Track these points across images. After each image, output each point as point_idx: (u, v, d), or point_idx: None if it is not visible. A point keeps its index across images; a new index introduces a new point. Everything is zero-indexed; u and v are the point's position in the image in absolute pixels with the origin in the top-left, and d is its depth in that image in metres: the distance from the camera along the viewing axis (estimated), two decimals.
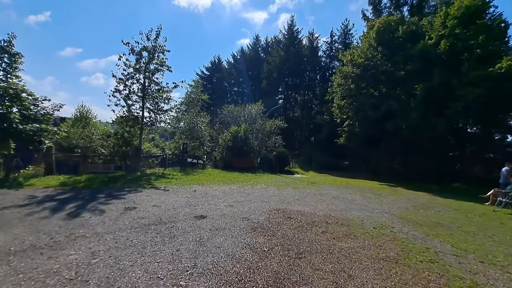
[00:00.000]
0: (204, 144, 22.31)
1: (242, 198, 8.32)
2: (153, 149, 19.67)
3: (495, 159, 21.50)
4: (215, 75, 60.23)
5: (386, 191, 12.87)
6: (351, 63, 21.45)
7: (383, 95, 20.21)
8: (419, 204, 9.62)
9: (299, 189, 11.35)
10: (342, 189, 12.30)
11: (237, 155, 20.40)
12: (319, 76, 47.01)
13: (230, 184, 11.60)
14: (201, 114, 22.54)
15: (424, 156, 24.91)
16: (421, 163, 23.86)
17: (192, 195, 8.47)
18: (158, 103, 15.34)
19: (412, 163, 23.69)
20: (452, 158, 21.30)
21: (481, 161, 22.29)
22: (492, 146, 20.81)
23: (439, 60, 16.59)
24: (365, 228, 5.79)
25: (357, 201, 9.27)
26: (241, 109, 25.63)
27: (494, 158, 21.61)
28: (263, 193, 9.66)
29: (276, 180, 14.41)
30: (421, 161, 23.85)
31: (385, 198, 10.36)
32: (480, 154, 21.90)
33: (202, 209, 6.59)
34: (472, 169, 22.90)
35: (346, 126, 22.67)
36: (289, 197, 9.11)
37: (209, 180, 12.37)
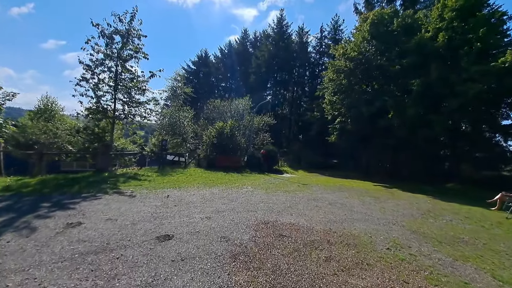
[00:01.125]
0: (187, 141, 20.69)
1: (224, 207, 6.92)
2: (129, 146, 17.88)
3: (483, 158, 21.14)
4: (202, 70, 58.09)
5: (383, 194, 11.83)
6: (344, 57, 20.37)
7: (377, 91, 19.27)
8: (424, 210, 8.56)
9: (290, 192, 10.06)
10: (337, 192, 11.13)
11: (222, 153, 18.91)
12: (309, 73, 45.92)
13: (212, 186, 10.15)
14: (184, 109, 20.89)
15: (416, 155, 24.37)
16: (412, 162, 23.27)
17: (163, 202, 6.98)
18: (131, 94, 13.59)
19: (404, 162, 23.04)
20: (443, 157, 20.70)
21: (471, 160, 21.88)
22: (482, 145, 20.34)
23: (436, 54, 15.73)
24: (378, 250, 4.54)
25: (357, 207, 8.08)
26: (228, 104, 24.08)
27: (483, 157, 21.25)
28: (249, 198, 8.30)
29: (264, 181, 13.08)
30: (412, 160, 23.26)
31: (385, 203, 9.25)
32: (470, 153, 21.47)
33: (170, 225, 5.14)
34: (462, 168, 22.53)
35: (337, 123, 21.63)
36: (279, 203, 7.78)
37: (188, 182, 10.87)
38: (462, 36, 15.41)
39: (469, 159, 21.02)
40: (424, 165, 22.33)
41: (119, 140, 17.30)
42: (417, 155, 23.37)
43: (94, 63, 13.30)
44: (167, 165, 17.85)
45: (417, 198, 11.34)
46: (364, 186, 14.09)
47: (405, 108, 16.05)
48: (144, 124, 15.16)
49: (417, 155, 24.51)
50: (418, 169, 22.58)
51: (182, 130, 19.95)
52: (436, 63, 15.39)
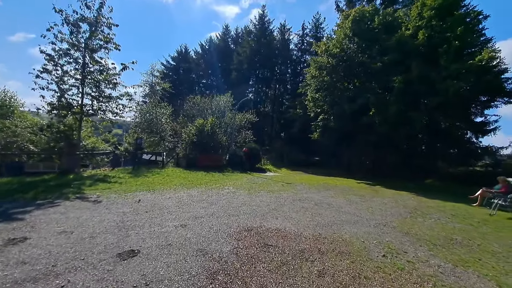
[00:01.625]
0: (165, 139, 19.60)
1: (203, 211, 6.24)
2: (101, 144, 16.55)
3: (457, 154, 21.90)
4: (182, 66, 56.32)
5: (368, 191, 11.64)
6: (326, 53, 20.17)
7: (359, 88, 19.25)
8: (411, 208, 8.36)
9: (274, 192, 9.54)
10: (322, 191, 10.77)
11: (202, 151, 18.08)
12: (291, 70, 45.74)
13: (191, 188, 9.40)
14: (161, 105, 19.75)
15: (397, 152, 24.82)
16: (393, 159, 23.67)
17: (133, 208, 6.18)
18: (101, 88, 12.44)
19: (385, 159, 23.38)
20: (421, 154, 21.16)
21: (446, 157, 22.58)
22: (456, 142, 20.99)
23: (417, 52, 15.88)
24: (373, 259, 4.10)
25: (344, 208, 7.70)
26: (209, 101, 23.16)
27: (457, 154, 22.02)
28: (231, 200, 7.66)
29: (247, 181, 12.49)
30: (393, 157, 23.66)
31: (371, 202, 8.98)
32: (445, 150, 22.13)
33: (138, 237, 4.40)
34: (439, 165, 23.24)
35: (320, 121, 21.45)
36: (263, 206, 7.22)
37: (164, 183, 10.03)
38: (441, 35, 15.64)
39: (445, 156, 21.68)
40: (404, 162, 22.78)
41: (89, 138, 15.93)
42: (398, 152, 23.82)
43: (57, 53, 12.04)
44: (143, 165, 16.77)
45: (401, 195, 11.25)
46: (348, 184, 13.90)
47: (387, 105, 16.09)
48: (116, 121, 13.98)
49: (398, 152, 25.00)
50: (398, 166, 22.99)
51: (159, 127, 18.83)
52: (416, 60, 15.53)
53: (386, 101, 16.32)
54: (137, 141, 14.25)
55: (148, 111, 18.29)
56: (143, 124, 18.17)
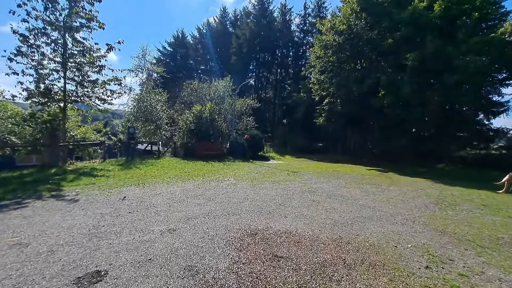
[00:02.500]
0: (161, 127, 18.54)
1: (197, 210, 5.27)
2: (92, 134, 15.52)
3: (467, 137, 20.73)
4: (179, 51, 54.36)
5: (381, 179, 10.65)
6: (332, 31, 18.67)
7: (367, 68, 17.92)
8: (435, 198, 7.38)
9: (279, 183, 8.57)
10: (332, 180, 9.79)
11: (201, 139, 17.05)
12: (292, 53, 43.86)
13: (186, 180, 8.44)
14: (156, 91, 18.56)
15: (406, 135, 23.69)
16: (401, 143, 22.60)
17: (114, 209, 5.22)
18: (83, 71, 11.29)
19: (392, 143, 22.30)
20: (430, 138, 20.03)
21: (458, 140, 21.42)
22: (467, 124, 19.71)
23: (432, 26, 14.43)
24: (415, 272, 3.13)
25: (361, 200, 6.72)
26: (207, 87, 21.86)
27: (467, 136, 20.84)
28: (232, 195, 6.69)
29: (249, 170, 11.52)
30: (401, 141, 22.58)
31: (389, 192, 7.99)
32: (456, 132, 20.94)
33: (110, 249, 3.44)
34: (449, 148, 22.16)
35: (326, 105, 20.22)
36: (268, 200, 6.25)
37: (158, 175, 9.06)
38: (459, 6, 14.14)
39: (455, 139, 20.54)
40: (413, 146, 21.70)
41: (78, 128, 14.91)
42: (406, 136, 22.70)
43: (31, 33, 10.80)
44: (138, 155, 15.84)
45: (419, 183, 10.26)
46: (358, 171, 12.92)
47: (399, 85, 14.83)
48: (106, 109, 12.91)
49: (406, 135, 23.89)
50: (406, 151, 21.96)
51: (155, 115, 17.72)
52: (432, 35, 14.11)
53: (398, 80, 15.03)
54: (129, 130, 13.21)
55: (141, 97, 17.11)
56: (137, 112, 17.07)
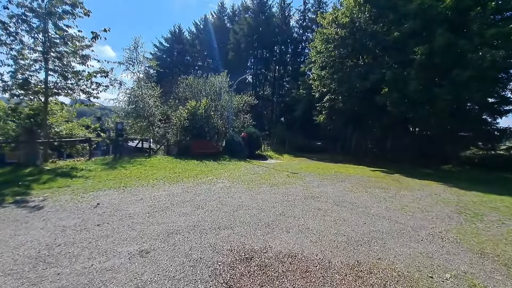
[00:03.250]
0: (154, 124, 17.59)
1: (182, 221, 4.39)
2: (80, 130, 14.54)
3: (471, 137, 19.99)
4: (176, 47, 53.19)
5: (388, 182, 9.82)
6: (334, 24, 17.75)
7: (370, 64, 17.06)
8: (454, 206, 6.55)
9: (279, 186, 7.70)
10: (336, 182, 8.94)
11: (196, 137, 16.14)
12: (291, 50, 42.91)
13: (175, 183, 7.54)
14: (148, 86, 17.59)
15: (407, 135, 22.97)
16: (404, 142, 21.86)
17: (81, 220, 4.32)
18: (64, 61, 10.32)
19: (395, 143, 21.55)
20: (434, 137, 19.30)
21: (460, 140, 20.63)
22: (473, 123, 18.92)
23: (442, 18, 13.56)
24: None
25: (373, 208, 5.88)
26: (202, 82, 20.85)
27: (471, 137, 20.10)
28: (225, 200, 5.82)
29: (246, 171, 10.64)
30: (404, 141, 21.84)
31: (402, 198, 7.16)
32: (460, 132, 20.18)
33: (53, 285, 2.54)
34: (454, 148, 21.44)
35: (326, 102, 19.35)
36: (267, 208, 5.38)
37: (144, 177, 8.16)
38: None
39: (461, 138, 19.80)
40: (417, 145, 20.96)
41: (64, 124, 13.93)
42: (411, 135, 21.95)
43: (12, 20, 9.85)
44: (128, 153, 14.94)
45: (430, 186, 9.45)
46: (362, 173, 12.09)
47: (405, 81, 13.99)
48: (92, 103, 11.95)
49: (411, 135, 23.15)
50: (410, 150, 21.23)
51: (147, 111, 16.76)
52: (442, 27, 13.26)
53: (404, 76, 14.19)
54: (117, 126, 12.26)
55: (133, 92, 16.13)
56: (128, 107, 16.12)
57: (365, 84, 15.78)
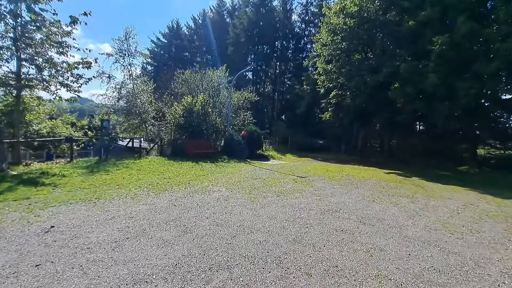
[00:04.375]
0: (146, 122, 16.30)
1: (158, 258, 3.13)
2: (64, 129, 13.27)
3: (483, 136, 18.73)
4: (174, 43, 51.75)
5: (411, 188, 8.58)
6: (342, 14, 16.39)
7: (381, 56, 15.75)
8: (508, 223, 5.31)
9: (287, 195, 6.45)
10: (352, 189, 7.69)
11: (192, 136, 14.88)
12: (293, 45, 41.45)
13: (163, 191, 6.28)
14: (141, 80, 16.28)
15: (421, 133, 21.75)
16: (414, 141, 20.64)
17: (17, 253, 3.06)
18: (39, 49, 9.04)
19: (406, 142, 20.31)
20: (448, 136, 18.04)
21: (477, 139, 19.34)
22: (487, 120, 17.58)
23: (464, 5, 12.25)
24: None
25: (409, 228, 4.64)
26: (200, 77, 19.43)
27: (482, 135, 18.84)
28: (220, 219, 4.56)
29: (247, 174, 9.38)
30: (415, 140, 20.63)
31: (436, 211, 5.92)
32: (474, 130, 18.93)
33: None
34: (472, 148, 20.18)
35: (333, 98, 18.03)
36: (275, 232, 4.12)
37: (126, 183, 6.89)
38: None
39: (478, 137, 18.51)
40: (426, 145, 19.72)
41: (48, 121, 12.66)
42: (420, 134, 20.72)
43: None
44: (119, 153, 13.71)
45: (458, 193, 8.20)
46: (376, 176, 10.84)
47: (422, 74, 12.70)
48: (74, 98, 10.65)
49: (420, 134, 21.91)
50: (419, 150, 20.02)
51: (140, 108, 15.46)
52: (464, 15, 11.95)
53: (420, 69, 12.90)
54: (103, 124, 10.99)
55: (123, 86, 14.81)
56: (117, 103, 14.82)
57: (376, 78, 14.48)
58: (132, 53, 15.22)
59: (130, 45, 15.18)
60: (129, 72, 15.47)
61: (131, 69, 15.32)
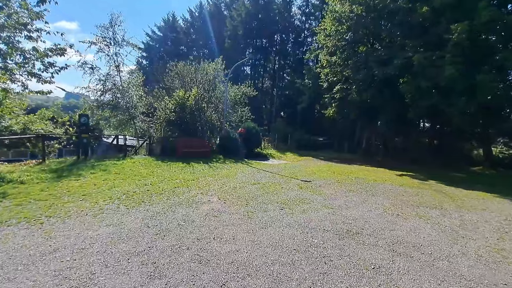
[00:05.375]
0: (135, 117, 14.99)
1: None
2: (42, 125, 11.92)
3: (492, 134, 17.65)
4: (169, 36, 50.04)
5: (434, 195, 7.43)
6: (348, 1, 15.03)
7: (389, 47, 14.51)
8: None
9: (292, 208, 5.25)
10: (367, 197, 6.52)
11: (184, 133, 13.64)
12: (292, 39, 39.98)
13: (138, 204, 5.05)
14: (129, 71, 14.93)
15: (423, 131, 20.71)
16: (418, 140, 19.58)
17: None
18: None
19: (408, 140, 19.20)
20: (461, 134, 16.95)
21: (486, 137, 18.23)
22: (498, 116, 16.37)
23: None
24: None
25: (462, 262, 3.47)
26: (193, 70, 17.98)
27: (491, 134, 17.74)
28: (207, 250, 3.35)
29: (244, 179, 8.17)
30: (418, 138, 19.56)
31: (478, 228, 4.77)
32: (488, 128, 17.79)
33: None
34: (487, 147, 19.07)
35: (337, 92, 16.77)
36: (281, 274, 2.91)
37: (94, 193, 5.64)
38: None
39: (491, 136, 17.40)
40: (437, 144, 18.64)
41: (21, 117, 11.32)
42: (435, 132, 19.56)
43: None
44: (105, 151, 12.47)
45: (488, 201, 7.05)
46: (388, 179, 9.69)
47: (437, 67, 11.48)
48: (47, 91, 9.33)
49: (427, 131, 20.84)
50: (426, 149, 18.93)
51: (127, 102, 14.13)
52: (485, 0, 10.73)
53: (435, 61, 11.68)
54: (80, 120, 9.70)
55: (108, 78, 13.46)
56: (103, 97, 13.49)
57: (385, 70, 13.23)
58: (119, 42, 13.82)
59: (116, 33, 13.79)
60: (115, 63, 14.09)
61: (117, 60, 13.94)
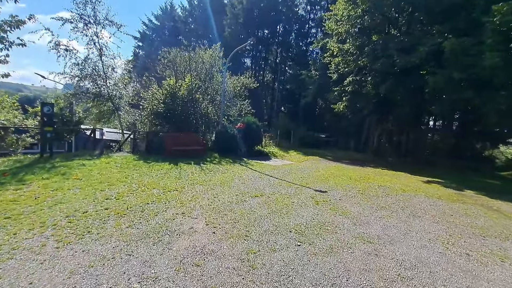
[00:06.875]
0: (119, 108, 13.18)
1: None
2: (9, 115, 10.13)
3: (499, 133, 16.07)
4: (167, 25, 47.84)
5: (489, 215, 5.77)
6: None
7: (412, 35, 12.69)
8: None
9: (312, 241, 3.53)
10: (409, 219, 4.83)
11: (175, 128, 11.87)
12: (296, 30, 37.86)
13: (81, 236, 3.30)
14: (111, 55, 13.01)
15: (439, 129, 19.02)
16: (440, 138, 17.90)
17: None
18: None
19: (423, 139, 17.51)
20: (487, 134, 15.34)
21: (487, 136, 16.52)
22: None
23: None
24: None
25: None
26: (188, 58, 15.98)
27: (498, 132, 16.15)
28: None
29: (242, 187, 6.43)
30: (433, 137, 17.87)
31: None
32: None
33: None
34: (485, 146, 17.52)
35: (348, 85, 14.94)
36: None
37: (27, 212, 3.90)
38: None
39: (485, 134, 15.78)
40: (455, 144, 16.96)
41: None
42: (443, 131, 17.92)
43: None
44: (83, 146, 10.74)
45: None
46: (419, 189, 8.00)
47: (472, 55, 9.71)
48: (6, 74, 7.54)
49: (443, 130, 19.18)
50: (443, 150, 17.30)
51: (110, 90, 12.31)
52: None
53: (471, 48, 9.89)
54: (43, 110, 7.92)
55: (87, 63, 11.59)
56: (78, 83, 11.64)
57: (408, 59, 11.41)
58: (100, 21, 11.92)
59: (97, 11, 11.87)
60: (97, 46, 12.20)
61: (99, 42, 12.05)
